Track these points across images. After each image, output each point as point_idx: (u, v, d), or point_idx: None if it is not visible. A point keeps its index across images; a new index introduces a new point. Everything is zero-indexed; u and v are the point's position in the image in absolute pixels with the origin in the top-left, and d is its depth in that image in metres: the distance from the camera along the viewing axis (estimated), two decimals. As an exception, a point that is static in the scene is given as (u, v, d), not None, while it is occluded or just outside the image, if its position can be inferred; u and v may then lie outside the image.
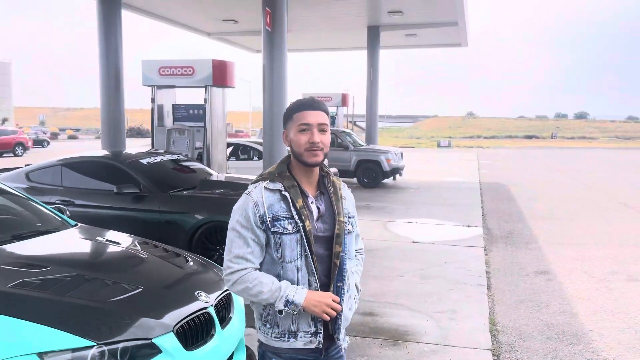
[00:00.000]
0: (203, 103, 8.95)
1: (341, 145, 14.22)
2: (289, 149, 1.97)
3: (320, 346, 1.88)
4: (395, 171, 14.49)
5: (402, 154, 15.40)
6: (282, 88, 8.65)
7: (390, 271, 6.11)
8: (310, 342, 1.88)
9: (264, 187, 1.88)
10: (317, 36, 18.27)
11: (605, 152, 35.92)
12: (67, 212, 4.06)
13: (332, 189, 1.96)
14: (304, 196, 1.89)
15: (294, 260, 1.85)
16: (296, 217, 1.84)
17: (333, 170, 9.64)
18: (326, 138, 1.89)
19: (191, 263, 3.41)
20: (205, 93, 8.85)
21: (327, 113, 1.93)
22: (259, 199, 1.86)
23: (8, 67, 66.41)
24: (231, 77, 9.15)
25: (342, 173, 13.90)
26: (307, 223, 1.84)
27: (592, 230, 8.74)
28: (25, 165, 6.99)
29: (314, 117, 1.88)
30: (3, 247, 3.06)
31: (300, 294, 1.82)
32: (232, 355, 3.10)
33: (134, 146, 11.87)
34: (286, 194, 1.86)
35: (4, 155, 27.90)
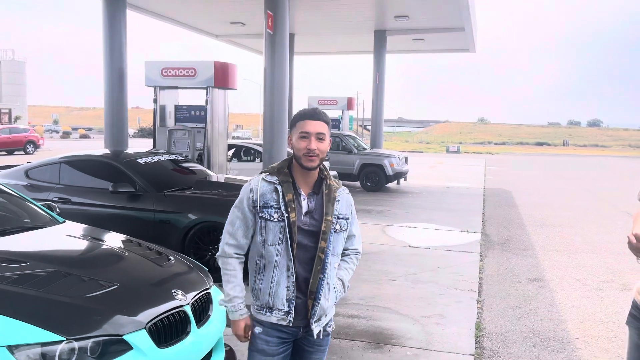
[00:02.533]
0: (204, 104, 9.04)
1: (345, 149, 14.24)
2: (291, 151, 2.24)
3: (291, 324, 2.15)
4: (399, 175, 14.48)
5: (406, 158, 15.39)
6: (283, 90, 8.70)
7: (383, 275, 6.11)
8: (283, 319, 2.15)
9: (262, 178, 2.19)
10: (324, 40, 18.35)
11: (617, 161, 35.57)
12: (57, 209, 4.12)
13: (326, 191, 2.20)
14: (297, 192, 2.16)
15: (275, 245, 2.13)
16: (283, 208, 2.11)
17: (333, 173, 9.68)
18: (323, 145, 2.15)
19: (172, 262, 3.44)
20: (207, 94, 8.93)
21: (327, 123, 2.19)
22: (255, 186, 2.17)
23: (22, 66, 67.23)
24: (233, 79, 9.22)
25: (346, 176, 13.93)
26: (292, 215, 2.10)
27: (591, 238, 8.68)
28: (27, 163, 7.09)
29: (314, 126, 2.14)
30: (-14, 242, 3.12)
31: (234, 315, 2.22)
32: (210, 354, 3.12)
33: (141, 146, 11.99)
34: (279, 187, 2.14)
35: (15, 152, 28.25)
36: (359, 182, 14.21)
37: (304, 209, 2.15)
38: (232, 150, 12.39)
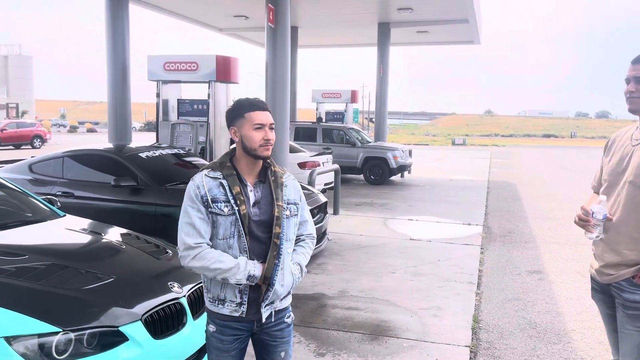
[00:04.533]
0: (207, 98, 9.07)
1: (348, 142, 14.25)
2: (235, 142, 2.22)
3: (244, 315, 2.15)
4: (403, 168, 14.48)
5: (410, 151, 15.38)
6: (285, 83, 8.73)
7: (383, 267, 6.15)
8: (235, 310, 2.14)
9: (205, 174, 2.15)
10: (328, 32, 18.31)
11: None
12: (58, 203, 4.18)
13: (272, 178, 2.20)
14: (242, 184, 2.15)
15: (226, 239, 2.11)
16: (232, 201, 2.10)
17: (335, 167, 9.70)
18: (274, 135, 2.20)
19: (170, 255, 3.49)
20: (209, 88, 8.96)
21: (271, 112, 2.22)
22: (200, 182, 2.13)
23: (29, 60, 67.66)
24: (235, 73, 9.24)
25: (349, 170, 13.95)
26: (242, 207, 2.10)
27: (594, 230, 8.64)
28: (31, 157, 7.17)
29: (266, 117, 2.17)
30: (-14, 235, 3.19)
31: (258, 267, 2.11)
32: (205, 346, 3.18)
33: (146, 140, 12.05)
34: (223, 181, 2.12)
35: (22, 147, 28.46)
36: (362, 175, 14.22)
37: (252, 200, 2.14)
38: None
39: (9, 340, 2.33)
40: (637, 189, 2.16)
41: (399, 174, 14.88)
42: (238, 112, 2.17)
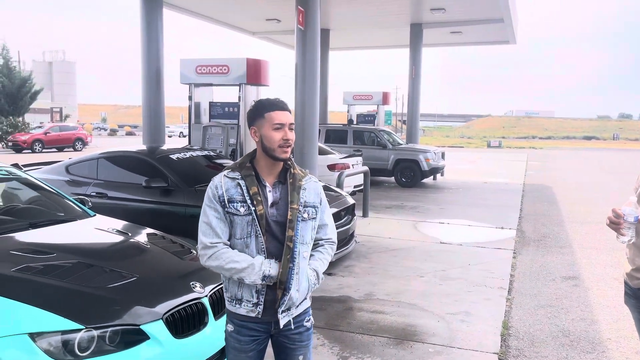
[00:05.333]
0: (238, 101, 9.17)
1: (379, 144, 14.14)
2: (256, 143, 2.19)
3: (260, 316, 2.13)
4: (435, 171, 14.28)
5: (443, 153, 15.16)
6: (314, 86, 8.73)
7: (411, 271, 6.06)
8: (252, 311, 2.14)
9: (224, 175, 2.18)
10: (359, 34, 18.26)
11: (670, 155, 33.84)
12: (89, 204, 4.29)
13: (291, 180, 2.18)
14: (261, 185, 2.15)
15: (243, 238, 2.12)
16: (249, 201, 2.10)
17: (364, 169, 9.64)
18: (294, 135, 2.18)
19: (194, 255, 3.52)
20: (240, 91, 9.06)
21: (291, 113, 2.19)
22: (219, 182, 2.15)
23: (73, 67, 70.06)
24: (265, 76, 9.32)
25: (380, 172, 13.85)
26: (259, 208, 2.09)
27: (635, 236, 8.31)
28: (69, 159, 7.39)
29: (286, 117, 2.15)
30: (18, 234, 3.29)
31: (275, 267, 2.09)
32: (227, 346, 3.19)
33: (180, 143, 12.28)
34: (241, 182, 2.13)
35: (65, 149, 29.44)
36: (393, 177, 14.09)
37: (270, 200, 2.14)
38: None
39: (33, 336, 2.40)
40: None
41: (431, 177, 14.68)
42: (258, 112, 2.17)
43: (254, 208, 2.09)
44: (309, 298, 2.29)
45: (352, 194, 10.11)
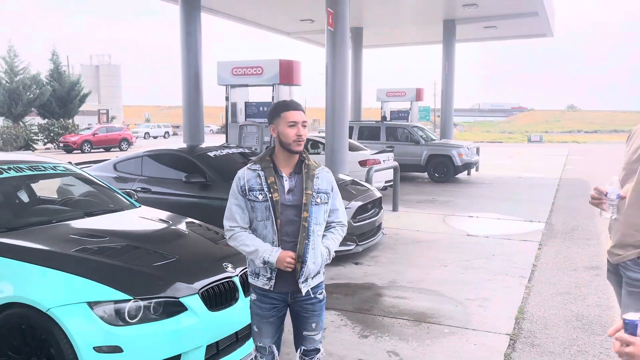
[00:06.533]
0: (271, 100, 9.60)
1: (412, 140, 14.31)
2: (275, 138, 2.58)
3: (272, 289, 2.53)
4: (468, 166, 14.35)
5: (477, 149, 15.19)
6: (344, 85, 9.06)
7: (435, 261, 6.32)
8: (266, 284, 2.54)
9: (247, 167, 2.57)
10: (392, 32, 18.42)
11: None
12: (135, 196, 4.77)
13: (305, 170, 2.54)
14: (278, 175, 2.51)
15: (263, 220, 2.50)
16: (266, 190, 2.47)
17: (393, 164, 9.90)
18: (306, 131, 2.55)
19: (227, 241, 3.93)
20: (273, 91, 9.48)
21: (304, 112, 2.57)
22: (242, 175, 2.55)
23: (118, 70, 72.52)
24: (297, 76, 9.70)
25: (413, 167, 14.04)
26: (275, 195, 2.46)
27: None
28: (116, 157, 7.99)
29: (299, 116, 2.52)
30: (76, 221, 3.79)
31: (274, 255, 2.45)
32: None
33: (219, 141, 12.82)
34: (261, 172, 2.50)
35: (112, 149, 30.81)
36: (426, 173, 14.25)
37: (287, 188, 2.50)
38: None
39: (91, 305, 2.84)
40: None
41: (465, 172, 14.74)
42: (275, 112, 2.54)
43: (270, 195, 2.45)
44: (322, 274, 2.66)
45: (384, 189, 10.39)
